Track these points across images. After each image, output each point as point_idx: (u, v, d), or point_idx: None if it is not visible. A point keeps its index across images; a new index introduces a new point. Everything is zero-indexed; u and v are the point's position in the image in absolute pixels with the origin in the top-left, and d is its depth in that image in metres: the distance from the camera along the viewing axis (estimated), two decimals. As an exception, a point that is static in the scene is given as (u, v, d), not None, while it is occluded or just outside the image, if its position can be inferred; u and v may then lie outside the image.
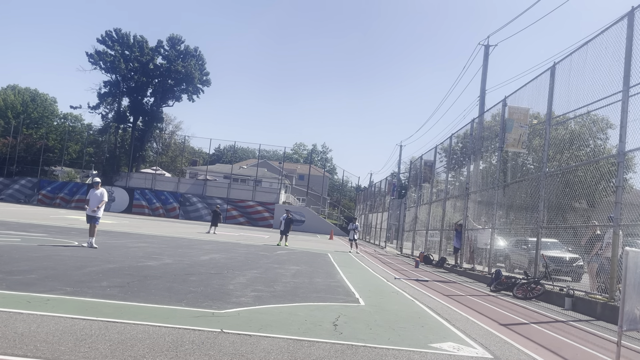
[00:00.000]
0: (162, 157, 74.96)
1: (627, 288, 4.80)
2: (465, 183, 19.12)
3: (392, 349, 5.32)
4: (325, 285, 10.34)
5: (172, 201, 55.22)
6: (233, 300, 7.44)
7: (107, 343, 4.51)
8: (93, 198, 14.14)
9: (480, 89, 24.84)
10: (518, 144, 14.35)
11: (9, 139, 60.22)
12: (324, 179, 78.98)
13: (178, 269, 10.62)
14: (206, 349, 4.61)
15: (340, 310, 7.42)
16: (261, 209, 55.45)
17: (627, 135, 9.28)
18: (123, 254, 12.47)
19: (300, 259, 16.58)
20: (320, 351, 4.95)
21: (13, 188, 56.18)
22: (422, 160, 26.98)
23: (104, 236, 17.87)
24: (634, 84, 9.26)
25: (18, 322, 4.94)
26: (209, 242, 21.22)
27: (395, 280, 13.03)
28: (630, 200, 10.23)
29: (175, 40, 64.33)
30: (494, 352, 5.67)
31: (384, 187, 41.88)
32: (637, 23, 9.38)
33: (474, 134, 19.09)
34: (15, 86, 77.80)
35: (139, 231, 23.70)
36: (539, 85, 13.39)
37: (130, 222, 32.45)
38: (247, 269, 12.01)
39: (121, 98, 63.15)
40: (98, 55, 61.61)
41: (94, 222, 13.84)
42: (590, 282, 10.69)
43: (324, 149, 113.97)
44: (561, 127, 13.16)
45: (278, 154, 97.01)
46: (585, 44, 11.01)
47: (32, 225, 20.11)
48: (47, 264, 9.34)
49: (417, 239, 26.60)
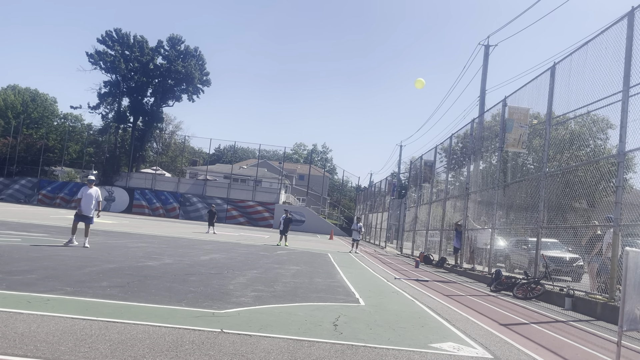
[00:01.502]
0: (162, 157, 74.97)
1: (627, 288, 4.80)
2: (465, 183, 19.12)
3: (392, 349, 5.32)
4: (325, 285, 10.33)
5: (172, 201, 55.23)
6: (233, 300, 7.44)
7: (107, 343, 4.51)
8: (87, 197, 13.48)
9: (480, 89, 24.84)
10: (518, 144, 14.35)
11: (9, 139, 60.24)
12: (324, 179, 78.98)
13: (178, 269, 10.62)
14: (206, 349, 4.61)
15: (340, 310, 7.42)
16: (261, 209, 55.46)
17: (627, 135, 9.28)
18: (123, 254, 12.47)
19: (300, 259, 16.58)
20: (320, 351, 4.95)
21: (13, 188, 56.20)
22: (422, 160, 26.97)
23: (104, 236, 17.88)
24: (634, 84, 9.26)
25: (18, 322, 4.94)
26: (209, 242, 21.22)
27: (395, 280, 13.03)
28: (630, 200, 10.23)
29: (175, 41, 64.33)
30: (494, 352, 5.67)
31: (384, 187, 41.88)
32: (637, 23, 9.38)
33: (474, 134, 19.09)
34: (15, 86, 77.81)
35: (139, 231, 23.70)
36: (539, 85, 13.39)
37: (130, 222, 32.45)
38: (247, 269, 12.01)
39: (121, 98, 63.13)
40: (98, 55, 61.60)
41: (88, 222, 13.45)
42: (591, 282, 10.69)
43: (324, 149, 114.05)
44: (561, 127, 13.16)
45: (278, 154, 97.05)
46: (585, 44, 11.01)
47: (32, 225, 20.10)
48: (47, 264, 9.34)
49: (417, 239, 26.60)
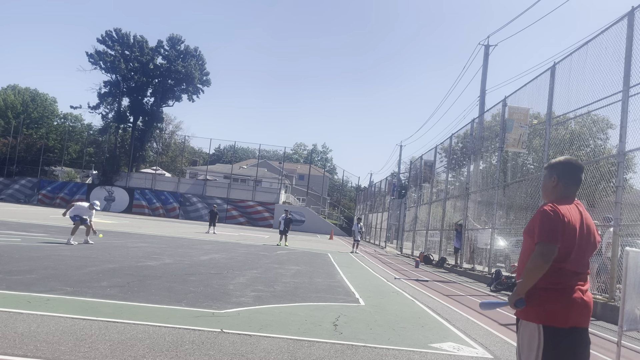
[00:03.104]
0: (162, 157, 74.92)
1: (627, 288, 4.80)
2: (465, 183, 19.12)
3: (392, 349, 5.32)
4: (325, 285, 10.33)
5: (172, 201, 55.21)
6: (233, 300, 7.44)
7: (107, 343, 4.51)
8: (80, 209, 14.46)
9: (480, 89, 24.85)
10: (518, 144, 14.35)
11: (9, 139, 60.20)
12: (324, 179, 78.95)
13: (178, 269, 10.62)
14: (206, 349, 4.61)
15: (340, 310, 7.42)
16: (261, 209, 55.44)
17: (627, 135, 9.27)
18: (123, 254, 12.47)
19: (300, 259, 16.58)
20: (320, 351, 4.95)
21: (13, 188, 56.17)
22: (422, 160, 26.97)
23: (104, 236, 17.87)
24: (634, 84, 9.26)
25: (18, 322, 4.94)
26: (209, 242, 21.22)
27: (395, 280, 13.02)
28: (630, 200, 10.23)
29: (175, 40, 64.31)
30: (494, 352, 5.67)
31: (384, 187, 41.88)
32: (637, 23, 9.38)
33: (474, 134, 19.08)
34: (15, 86, 77.76)
35: (139, 231, 23.69)
36: (539, 85, 13.39)
37: (130, 222, 32.45)
38: (247, 269, 12.01)
39: (121, 98, 63.12)
40: (98, 55, 61.58)
41: (85, 222, 14.35)
42: (590, 282, 10.68)
43: (324, 149, 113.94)
44: (561, 127, 13.16)
45: (278, 154, 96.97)
46: (585, 44, 11.01)
47: (32, 225, 20.10)
48: (47, 264, 9.34)
49: (417, 239, 26.60)
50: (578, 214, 2.95)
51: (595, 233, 3.04)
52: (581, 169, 3.13)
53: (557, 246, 2.79)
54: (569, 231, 2.84)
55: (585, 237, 2.94)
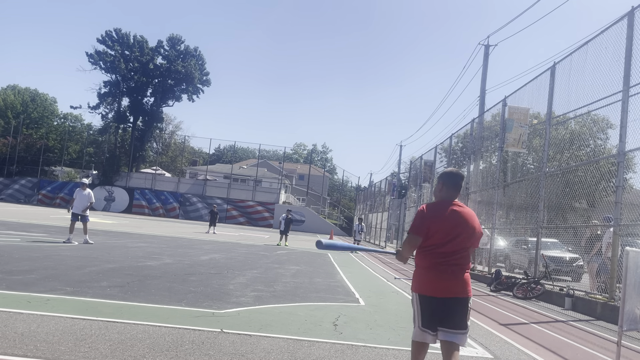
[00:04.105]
0: (162, 157, 74.94)
1: (627, 288, 4.80)
2: (465, 183, 19.11)
3: (392, 349, 5.32)
4: (325, 285, 10.33)
5: (172, 201, 55.21)
6: (233, 300, 7.44)
7: (107, 343, 4.51)
8: (81, 198, 14.58)
9: (480, 89, 24.84)
10: (518, 143, 14.35)
11: (9, 139, 60.22)
12: (324, 179, 78.97)
13: (178, 269, 10.62)
14: (206, 349, 4.61)
15: (340, 310, 7.42)
16: (261, 209, 55.44)
17: (627, 135, 9.27)
18: (123, 254, 12.47)
19: (300, 259, 16.58)
20: (320, 351, 4.95)
21: (13, 188, 56.16)
22: (422, 160, 26.97)
23: (104, 236, 17.87)
24: (634, 84, 9.25)
25: (18, 322, 4.94)
26: (209, 242, 21.22)
27: (395, 280, 13.02)
28: (630, 200, 10.23)
29: (175, 40, 64.31)
30: (494, 352, 5.67)
31: (384, 187, 41.88)
32: (637, 23, 9.37)
33: (474, 134, 19.08)
34: (15, 86, 77.76)
35: (139, 231, 23.69)
36: (539, 85, 13.39)
37: (130, 222, 32.44)
38: (247, 269, 12.01)
39: (121, 98, 63.11)
40: (98, 55, 61.57)
41: (84, 220, 14.45)
42: (590, 282, 10.69)
43: (324, 149, 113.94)
44: (561, 127, 13.17)
45: (278, 154, 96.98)
46: (585, 43, 11.00)
47: (32, 225, 20.10)
48: (47, 264, 9.34)
49: (417, 239, 26.53)
50: (451, 211, 3.83)
51: (474, 223, 3.88)
52: (461, 177, 4.02)
53: (419, 236, 3.81)
54: (436, 223, 3.79)
55: (459, 226, 3.81)
